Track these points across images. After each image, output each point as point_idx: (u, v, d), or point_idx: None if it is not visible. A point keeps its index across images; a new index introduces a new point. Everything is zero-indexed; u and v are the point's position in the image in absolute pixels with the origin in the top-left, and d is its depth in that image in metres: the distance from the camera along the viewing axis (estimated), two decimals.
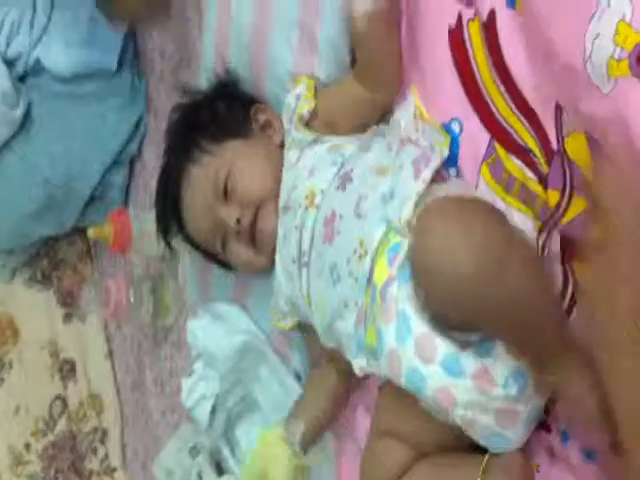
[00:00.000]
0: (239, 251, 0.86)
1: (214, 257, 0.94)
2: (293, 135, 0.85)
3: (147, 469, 1.22)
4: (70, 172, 1.36)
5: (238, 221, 0.83)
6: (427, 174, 0.70)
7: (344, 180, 0.76)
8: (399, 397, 0.70)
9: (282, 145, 0.87)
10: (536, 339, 0.60)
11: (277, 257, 0.83)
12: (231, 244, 0.86)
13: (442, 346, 0.63)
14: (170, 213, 0.93)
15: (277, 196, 0.83)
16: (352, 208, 0.73)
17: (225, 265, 0.94)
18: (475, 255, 0.57)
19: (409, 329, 0.65)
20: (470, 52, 0.70)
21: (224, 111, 0.90)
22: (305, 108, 0.84)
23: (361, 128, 0.83)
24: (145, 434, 1.26)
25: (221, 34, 0.98)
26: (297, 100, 0.85)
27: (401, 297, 0.66)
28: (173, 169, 0.92)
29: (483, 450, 0.67)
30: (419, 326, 0.64)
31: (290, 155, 0.84)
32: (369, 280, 0.69)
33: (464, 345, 0.63)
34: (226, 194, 0.85)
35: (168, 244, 0.98)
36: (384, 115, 0.83)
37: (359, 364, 0.72)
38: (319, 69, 0.86)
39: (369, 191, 0.72)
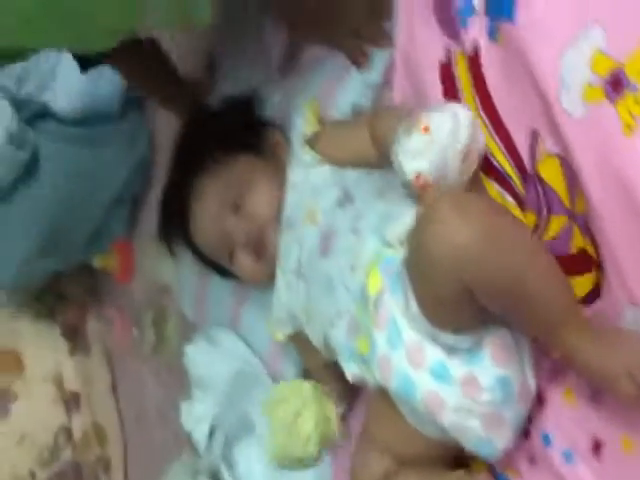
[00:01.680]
0: (245, 262, 0.89)
1: (216, 266, 0.97)
2: (299, 155, 0.88)
3: None
4: (74, 211, 1.40)
5: (247, 233, 0.87)
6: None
7: (345, 200, 0.80)
8: (385, 407, 0.74)
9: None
10: (540, 310, 0.61)
11: (278, 270, 0.87)
12: (238, 255, 0.90)
13: (431, 352, 0.67)
14: (175, 222, 0.95)
15: (280, 212, 0.87)
16: (349, 225, 0.77)
17: (226, 273, 0.97)
18: (472, 229, 0.59)
19: (400, 336, 0.68)
20: (458, 84, 0.74)
21: (238, 125, 0.94)
22: (309, 129, 0.89)
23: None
24: (148, 463, 1.28)
25: None
26: (303, 122, 0.90)
27: (393, 306, 0.69)
28: (182, 178, 0.94)
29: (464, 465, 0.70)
30: (409, 333, 0.68)
31: (294, 174, 0.88)
32: (362, 291, 0.73)
33: (453, 352, 0.66)
34: (236, 206, 0.89)
35: (171, 251, 1.01)
36: None
37: (351, 370, 0.75)
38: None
39: (367, 210, 0.77)
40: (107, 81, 1.35)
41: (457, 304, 0.63)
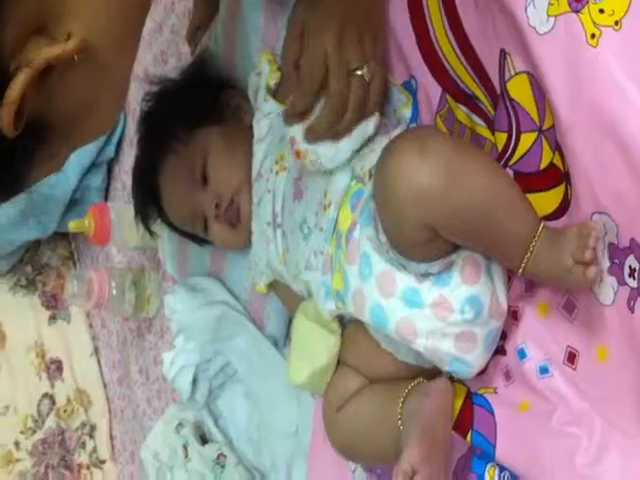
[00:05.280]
0: (219, 232, 0.90)
1: (193, 236, 0.97)
2: (262, 108, 0.89)
3: (135, 458, 1.24)
4: (49, 178, 1.38)
5: (216, 206, 0.87)
6: (396, 133, 0.75)
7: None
8: (362, 339, 0.75)
9: (251, 126, 0.91)
10: (504, 242, 0.63)
11: (253, 224, 0.87)
12: (211, 226, 0.90)
13: (401, 280, 0.67)
14: (148, 201, 0.96)
15: (250, 177, 0.87)
16: None
17: (203, 242, 0.98)
18: (432, 168, 0.60)
19: (370, 268, 0.69)
20: (425, 5, 0.74)
21: (195, 98, 0.93)
22: (272, 81, 0.88)
23: None
24: (133, 424, 1.28)
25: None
26: (260, 76, 0.89)
27: (362, 239, 0.69)
28: (149, 158, 0.95)
29: None
30: (379, 264, 0.68)
31: (260, 127, 0.88)
32: (334, 228, 0.73)
33: (423, 277, 0.67)
34: (204, 181, 0.89)
35: (148, 230, 1.02)
36: None
37: (328, 308, 0.76)
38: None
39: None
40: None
41: (423, 240, 0.64)
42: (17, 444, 1.43)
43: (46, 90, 0.53)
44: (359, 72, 0.72)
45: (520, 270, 0.63)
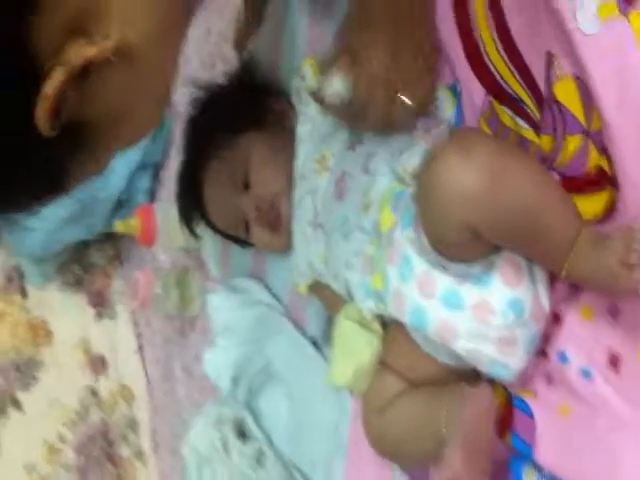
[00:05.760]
0: (261, 235, 0.93)
1: (235, 239, 0.99)
2: (304, 112, 0.90)
3: (176, 452, 1.25)
4: (97, 180, 1.42)
5: (257, 210, 0.89)
6: (436, 132, 0.75)
7: (354, 142, 0.81)
8: (402, 340, 0.75)
9: (294, 129, 0.92)
10: (550, 248, 0.62)
11: (294, 224, 0.88)
12: (253, 229, 0.93)
13: (441, 281, 0.67)
14: (192, 205, 0.98)
15: (291, 181, 0.88)
16: (360, 165, 0.78)
17: (245, 244, 0.99)
18: (477, 172, 0.60)
19: (411, 269, 0.69)
20: (471, 7, 0.74)
21: (240, 104, 0.95)
22: (315, 85, 0.89)
23: None
24: (174, 420, 1.30)
25: None
26: (303, 80, 0.91)
27: (403, 240, 0.70)
28: (193, 163, 0.97)
29: None
30: (420, 265, 0.68)
31: (303, 130, 0.90)
32: (375, 229, 0.74)
33: (463, 278, 0.67)
34: (245, 186, 0.91)
35: (193, 233, 1.04)
36: None
37: (367, 306, 0.76)
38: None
39: (378, 149, 0.78)
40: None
41: (465, 242, 0.64)
42: (61, 437, 1.47)
43: (84, 91, 0.54)
44: (404, 97, 0.73)
45: (563, 272, 0.62)
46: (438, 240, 0.66)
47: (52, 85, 0.54)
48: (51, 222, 1.44)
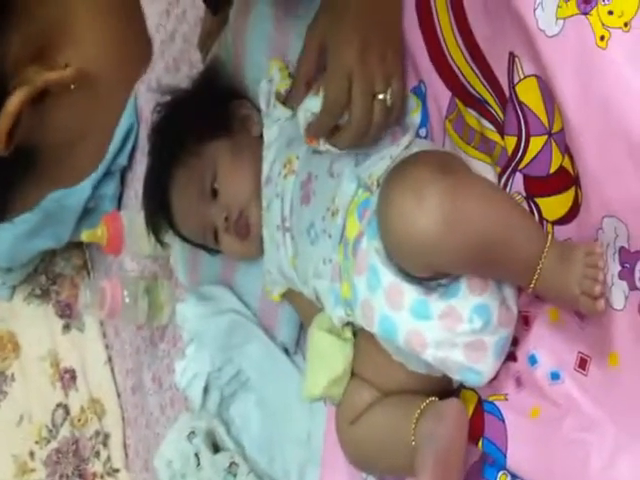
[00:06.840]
0: (230, 244, 0.91)
1: (204, 246, 0.97)
2: (271, 114, 0.89)
3: (149, 466, 1.24)
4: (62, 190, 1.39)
5: (226, 219, 0.88)
6: (405, 140, 0.75)
7: None
8: (372, 348, 0.74)
9: (261, 135, 0.91)
10: (509, 271, 0.64)
11: (263, 229, 0.87)
12: (221, 238, 0.91)
13: (409, 292, 0.67)
14: (159, 213, 0.96)
15: (260, 188, 0.87)
16: (326, 168, 0.77)
17: (214, 251, 0.98)
18: (429, 216, 0.60)
19: (378, 280, 0.68)
20: (434, 10, 0.73)
21: (204, 109, 0.93)
22: (282, 87, 0.89)
23: None
24: (146, 433, 1.28)
25: None
26: (271, 83, 0.90)
27: (370, 250, 0.69)
28: (159, 171, 0.95)
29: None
30: (387, 276, 0.67)
31: (270, 134, 0.89)
32: (342, 236, 0.73)
33: (431, 289, 0.67)
34: (213, 194, 0.89)
35: (160, 241, 1.02)
36: None
37: (337, 315, 0.75)
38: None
39: (343, 152, 0.76)
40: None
41: (430, 275, 0.66)
42: (32, 454, 1.44)
43: (40, 114, 0.53)
44: (381, 96, 0.72)
45: (530, 289, 0.63)
46: (405, 267, 0.67)
47: (14, 103, 0.52)
48: (16, 232, 1.41)
